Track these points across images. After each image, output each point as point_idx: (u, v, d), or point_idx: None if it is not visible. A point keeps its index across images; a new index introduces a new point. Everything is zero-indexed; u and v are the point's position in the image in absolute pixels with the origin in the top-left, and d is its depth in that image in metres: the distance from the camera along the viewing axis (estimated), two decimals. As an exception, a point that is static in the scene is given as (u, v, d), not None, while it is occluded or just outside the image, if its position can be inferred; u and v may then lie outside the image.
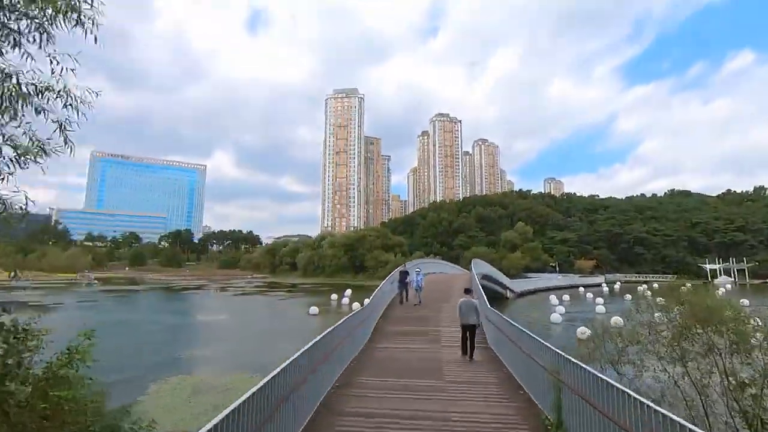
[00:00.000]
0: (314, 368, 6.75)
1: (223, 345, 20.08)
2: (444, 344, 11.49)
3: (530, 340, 7.28)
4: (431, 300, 18.51)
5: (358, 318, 10.87)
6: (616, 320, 26.94)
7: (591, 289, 67.49)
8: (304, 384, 6.15)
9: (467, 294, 10.89)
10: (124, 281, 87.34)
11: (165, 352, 18.80)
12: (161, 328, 26.55)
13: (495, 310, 10.45)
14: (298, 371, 6.05)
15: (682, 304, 8.53)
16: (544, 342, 6.67)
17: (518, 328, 8.01)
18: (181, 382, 13.97)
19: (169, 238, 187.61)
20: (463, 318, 10.23)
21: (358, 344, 10.73)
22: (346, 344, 9.54)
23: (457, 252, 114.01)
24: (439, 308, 16.83)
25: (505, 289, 46.82)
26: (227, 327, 27.22)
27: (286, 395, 5.37)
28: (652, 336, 8.59)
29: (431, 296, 19.27)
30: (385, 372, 8.90)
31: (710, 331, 7.77)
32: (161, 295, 57.21)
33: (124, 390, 13.25)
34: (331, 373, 7.97)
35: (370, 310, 12.51)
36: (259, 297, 53.59)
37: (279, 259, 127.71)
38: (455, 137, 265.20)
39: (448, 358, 9.96)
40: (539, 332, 25.39)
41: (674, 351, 7.82)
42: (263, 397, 4.62)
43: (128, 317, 32.32)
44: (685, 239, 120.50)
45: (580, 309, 39.41)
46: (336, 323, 9.03)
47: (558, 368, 5.74)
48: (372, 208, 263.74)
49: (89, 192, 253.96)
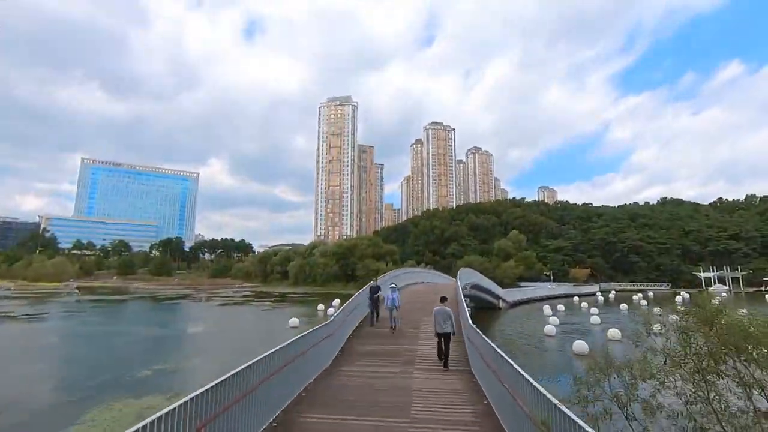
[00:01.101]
0: (229, 406, 5.20)
1: (185, 362, 18.37)
2: (418, 366, 9.96)
3: (512, 373, 5.77)
4: (412, 313, 16.95)
5: (318, 335, 9.34)
6: (614, 333, 25.55)
7: (586, 298, 66.26)
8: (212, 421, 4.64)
9: (443, 302, 10.98)
10: (109, 290, 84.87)
11: (120, 370, 17.07)
12: (127, 341, 24.78)
13: (476, 329, 8.94)
14: (207, 405, 4.57)
15: (711, 327, 6.77)
16: (528, 377, 5.16)
17: (499, 354, 6.50)
18: (125, 409, 12.28)
19: (159, 246, 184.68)
20: (438, 326, 10.44)
21: (315, 367, 9.19)
22: (299, 366, 8.01)
23: (449, 261, 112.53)
24: (418, 323, 15.24)
25: (498, 299, 45.29)
26: (196, 341, 25.48)
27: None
28: (669, 367, 6.94)
29: (413, 308, 17.76)
30: (340, 407, 7.32)
31: (743, 361, 6.21)
32: (141, 305, 55.08)
33: (52, 420, 11.57)
34: (265, 408, 6.42)
35: (336, 326, 10.95)
36: (242, 307, 51.62)
37: (270, 268, 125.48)
38: (449, 145, 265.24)
39: (420, 386, 8.42)
40: (533, 346, 23.90)
41: (699, 388, 6.23)
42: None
43: (97, 329, 30.43)
44: (678, 247, 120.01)
45: (575, 320, 37.96)
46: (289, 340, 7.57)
47: (547, 421, 4.22)
48: (365, 216, 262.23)
49: (79, 199, 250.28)
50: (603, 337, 26.11)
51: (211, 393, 4.80)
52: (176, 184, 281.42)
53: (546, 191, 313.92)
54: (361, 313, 15.72)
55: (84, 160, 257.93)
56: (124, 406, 12.59)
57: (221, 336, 28.00)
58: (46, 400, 13.55)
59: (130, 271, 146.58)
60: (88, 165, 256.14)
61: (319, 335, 9.43)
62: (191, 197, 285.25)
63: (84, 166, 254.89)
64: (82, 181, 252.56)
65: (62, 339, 25.52)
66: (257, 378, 6.21)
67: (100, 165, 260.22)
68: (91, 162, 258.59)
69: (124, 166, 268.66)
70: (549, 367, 19.09)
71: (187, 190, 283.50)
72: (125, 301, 60.20)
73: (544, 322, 33.08)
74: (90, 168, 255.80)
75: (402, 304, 16.37)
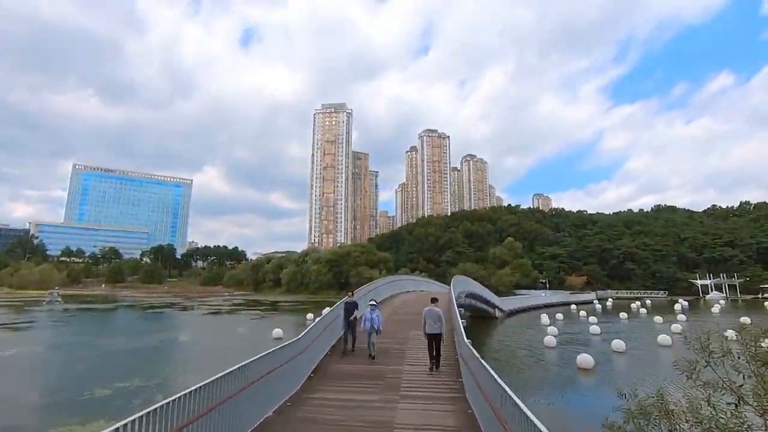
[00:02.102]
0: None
1: (147, 380, 16.64)
2: (404, 392, 8.38)
3: (514, 411, 4.24)
4: (400, 325, 15.37)
5: (281, 357, 7.77)
6: (618, 344, 24.04)
7: (583, 306, 64.93)
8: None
9: (433, 303, 10.93)
10: (94, 299, 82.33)
11: (77, 389, 15.33)
12: (94, 354, 22.95)
13: (473, 351, 7.38)
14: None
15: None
16: (535, 420, 3.63)
17: (503, 389, 4.96)
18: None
19: (150, 253, 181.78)
20: (428, 327, 10.41)
21: (278, 395, 7.60)
22: (254, 395, 6.46)
23: (444, 268, 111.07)
24: (405, 338, 13.64)
25: (494, 308, 43.71)
26: (165, 355, 23.67)
27: None
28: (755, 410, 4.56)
29: (402, 320, 16.21)
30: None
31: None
32: (122, 314, 52.88)
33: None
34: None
35: (304, 345, 9.35)
36: (228, 317, 49.58)
37: (262, 276, 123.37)
38: (444, 152, 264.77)
39: (404, 421, 6.84)
40: (535, 358, 22.33)
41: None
42: None
43: (65, 340, 28.50)
44: (674, 254, 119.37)
45: (575, 329, 36.48)
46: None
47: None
48: (359, 224, 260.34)
49: (70, 206, 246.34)
50: (606, 349, 24.63)
51: None
52: (169, 190, 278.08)
53: (540, 199, 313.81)
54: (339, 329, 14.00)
55: (75, 166, 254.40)
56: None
57: (194, 349, 26.19)
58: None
59: (119, 278, 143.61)
60: (79, 171, 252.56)
61: (282, 357, 7.85)
62: (184, 204, 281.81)
63: (75, 172, 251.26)
64: (73, 187, 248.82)
65: (22, 351, 23.61)
66: (180, 418, 4.65)
67: (92, 171, 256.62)
68: (82, 168, 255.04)
69: (116, 173, 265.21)
70: (553, 382, 17.54)
71: (180, 197, 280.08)
72: (106, 309, 57.98)
73: (542, 333, 31.58)
74: (82, 174, 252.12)
75: (390, 316, 14.79)
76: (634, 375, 18.24)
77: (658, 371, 19.23)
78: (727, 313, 53.99)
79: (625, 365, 20.68)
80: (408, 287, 33.78)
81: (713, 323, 41.46)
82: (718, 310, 54.82)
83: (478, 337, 30.94)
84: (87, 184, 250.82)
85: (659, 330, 34.78)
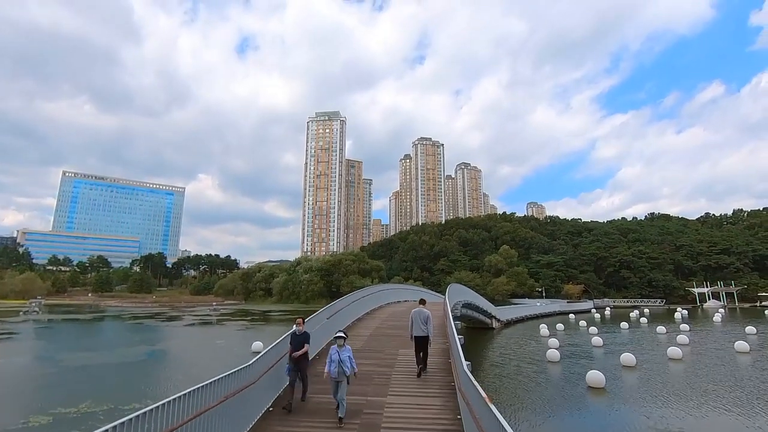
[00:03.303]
0: None
1: (97, 404, 14.54)
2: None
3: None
4: (387, 341, 13.33)
5: (222, 389, 5.79)
6: (627, 359, 22.08)
7: (581, 315, 63.20)
8: None
9: (421, 304, 10.71)
10: (76, 309, 79.24)
11: (13, 415, 13.19)
12: (48, 372, 20.72)
13: (475, 384, 5.39)
14: None
15: None
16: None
17: None
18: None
19: (140, 262, 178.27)
20: (415, 329, 10.09)
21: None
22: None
23: (438, 277, 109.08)
24: (392, 358, 11.57)
25: (491, 318, 41.71)
26: (130, 373, 21.42)
27: None
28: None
29: (389, 334, 14.21)
30: None
31: None
32: (100, 325, 50.21)
33: None
34: None
35: (252, 377, 7.30)
36: (212, 328, 47.10)
37: (253, 285, 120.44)
38: (438, 161, 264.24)
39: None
40: (540, 376, 20.30)
41: None
42: None
43: (23, 355, 26.19)
44: (670, 262, 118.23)
45: (576, 341, 34.59)
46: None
47: None
48: (353, 232, 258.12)
49: (59, 213, 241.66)
50: (614, 363, 22.72)
51: None
52: (161, 198, 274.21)
53: (535, 207, 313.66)
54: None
55: (65, 173, 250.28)
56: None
57: (162, 367, 23.93)
58: None
59: (106, 288, 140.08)
60: (69, 178, 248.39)
61: (224, 389, 5.88)
62: (176, 212, 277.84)
63: (65, 179, 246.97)
64: (62, 194, 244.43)
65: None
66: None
67: (82, 178, 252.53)
68: (72, 175, 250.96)
69: (108, 180, 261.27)
70: (564, 403, 15.59)
71: (173, 205, 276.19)
72: (84, 320, 55.24)
73: (544, 345, 29.68)
74: (72, 181, 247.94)
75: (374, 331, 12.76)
76: (649, 394, 16.34)
77: (674, 389, 17.35)
78: (729, 323, 52.39)
79: (638, 382, 18.76)
80: (400, 297, 31.69)
81: (719, 334, 39.77)
82: (720, 320, 53.19)
83: (476, 350, 28.95)
84: (77, 192, 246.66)
85: (664, 341, 33.01)
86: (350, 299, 16.82)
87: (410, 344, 10.57)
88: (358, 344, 12.66)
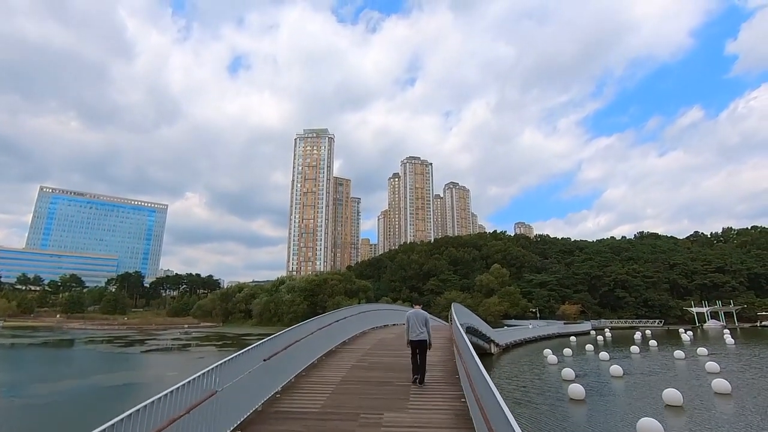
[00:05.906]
0: None
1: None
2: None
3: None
4: (367, 388, 8.92)
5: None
6: (671, 395, 17.67)
7: (581, 338, 58.98)
8: None
9: (418, 307, 9.87)
10: (36, 331, 72.42)
11: None
12: None
13: None
14: None
15: None
16: None
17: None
18: None
19: (116, 281, 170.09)
20: (412, 333, 9.15)
21: None
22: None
23: (428, 297, 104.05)
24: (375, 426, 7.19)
25: (489, 343, 37.21)
26: (35, 414, 16.53)
27: None
28: None
29: (373, 379, 9.79)
30: None
31: None
32: (43, 351, 44.22)
33: None
34: None
35: None
36: (173, 355, 41.64)
37: (233, 306, 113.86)
38: (426, 180, 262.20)
39: None
40: (569, 422, 15.09)
41: None
42: None
43: None
44: (665, 281, 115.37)
45: (588, 367, 30.33)
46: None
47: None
48: (340, 251, 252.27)
49: (34, 230, 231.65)
50: (652, 400, 18.34)
51: None
52: (143, 216, 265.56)
53: (523, 227, 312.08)
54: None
55: (43, 188, 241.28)
56: None
57: (63, 410, 18.87)
58: None
59: (78, 308, 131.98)
60: (46, 194, 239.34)
61: None
62: (158, 230, 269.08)
63: (42, 194, 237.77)
64: (38, 211, 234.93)
65: None
66: None
67: (61, 194, 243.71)
68: (50, 191, 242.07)
69: (87, 196, 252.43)
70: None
71: (154, 223, 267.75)
72: (31, 344, 49.13)
73: (554, 375, 25.30)
74: (49, 197, 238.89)
75: (347, 374, 8.47)
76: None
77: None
78: (742, 345, 48.58)
79: (704, 420, 14.40)
80: (387, 321, 27.05)
81: (748, 359, 35.58)
82: (732, 342, 49.32)
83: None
84: (53, 208, 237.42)
85: (693, 369, 28.85)
86: (315, 325, 12.20)
87: (405, 399, 6.26)
88: (316, 401, 8.14)
